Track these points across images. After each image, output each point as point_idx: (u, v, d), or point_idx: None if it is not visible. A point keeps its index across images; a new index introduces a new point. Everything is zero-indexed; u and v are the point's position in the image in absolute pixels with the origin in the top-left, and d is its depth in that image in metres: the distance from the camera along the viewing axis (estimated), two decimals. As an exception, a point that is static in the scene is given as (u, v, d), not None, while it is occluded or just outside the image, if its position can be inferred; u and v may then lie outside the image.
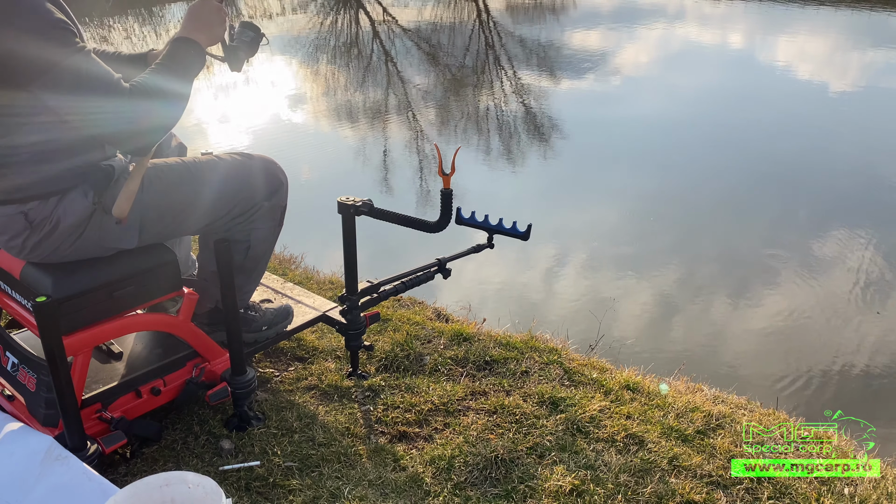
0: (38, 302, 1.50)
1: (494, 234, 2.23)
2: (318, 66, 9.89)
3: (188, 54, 1.62)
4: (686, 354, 3.37)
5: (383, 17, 13.36)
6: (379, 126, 7.24)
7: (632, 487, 1.79)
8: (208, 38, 1.67)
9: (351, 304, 2.16)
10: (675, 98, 7.90)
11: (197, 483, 1.40)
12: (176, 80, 1.59)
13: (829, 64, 9.32)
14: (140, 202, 1.69)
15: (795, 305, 3.83)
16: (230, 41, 1.80)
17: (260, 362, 2.36)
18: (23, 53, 1.42)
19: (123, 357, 1.96)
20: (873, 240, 4.47)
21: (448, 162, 2.05)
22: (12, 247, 1.67)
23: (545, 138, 6.82)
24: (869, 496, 1.80)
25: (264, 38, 1.83)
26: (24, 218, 1.61)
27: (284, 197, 2.00)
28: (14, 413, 1.83)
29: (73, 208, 1.63)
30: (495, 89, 8.65)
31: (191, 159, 1.86)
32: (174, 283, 1.86)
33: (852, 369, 3.30)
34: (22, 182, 1.58)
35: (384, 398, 2.16)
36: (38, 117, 1.52)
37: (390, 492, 1.77)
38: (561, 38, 11.19)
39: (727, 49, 10.46)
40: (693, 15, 13.15)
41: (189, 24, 1.64)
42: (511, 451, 1.91)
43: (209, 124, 7.28)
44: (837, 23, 11.81)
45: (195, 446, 1.91)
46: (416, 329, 2.57)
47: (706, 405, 2.18)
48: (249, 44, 1.81)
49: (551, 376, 2.31)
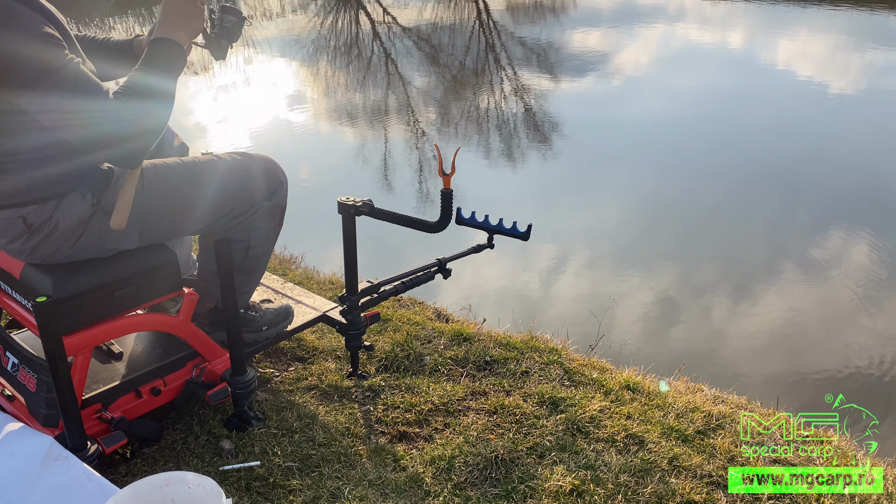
0: (39, 302, 1.50)
1: (494, 234, 2.23)
2: (318, 67, 9.89)
3: (168, 56, 1.58)
4: (686, 354, 3.37)
5: (383, 18, 13.36)
6: (379, 126, 7.24)
7: (632, 487, 1.79)
8: (187, 33, 1.62)
9: (351, 304, 2.16)
10: (675, 98, 7.90)
11: (197, 483, 1.40)
12: (158, 83, 1.55)
13: (829, 64, 9.32)
14: (140, 203, 1.69)
15: (796, 305, 3.83)
16: (211, 30, 1.74)
17: (260, 362, 2.36)
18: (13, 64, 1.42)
19: (123, 357, 1.96)
20: (874, 240, 4.47)
21: (448, 162, 2.05)
22: (12, 249, 1.68)
23: (545, 138, 6.82)
24: (869, 496, 1.80)
25: (246, 20, 1.77)
26: (23, 222, 1.61)
27: (284, 197, 2.00)
28: (14, 413, 1.83)
29: (71, 211, 1.63)
30: (495, 89, 8.65)
31: (190, 159, 1.86)
32: (174, 283, 1.86)
33: (853, 369, 3.30)
34: (19, 186, 1.58)
35: (384, 398, 2.16)
36: (33, 123, 1.51)
37: (390, 492, 1.77)
38: (561, 39, 11.19)
39: (727, 49, 10.46)
40: (693, 15, 13.15)
41: (166, 22, 1.59)
42: (511, 451, 1.91)
43: (210, 124, 7.29)
44: (838, 23, 11.81)
45: (195, 446, 1.91)
46: (416, 329, 2.57)
47: (706, 405, 2.18)
48: (231, 30, 1.74)
49: (551, 376, 2.31)
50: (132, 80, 1.54)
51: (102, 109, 1.48)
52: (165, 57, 1.58)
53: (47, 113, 1.48)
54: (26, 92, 1.44)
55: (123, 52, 1.86)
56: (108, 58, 1.83)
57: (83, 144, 1.54)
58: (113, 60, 1.83)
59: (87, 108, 1.48)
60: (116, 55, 1.85)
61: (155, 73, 1.56)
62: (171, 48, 1.59)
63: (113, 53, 1.85)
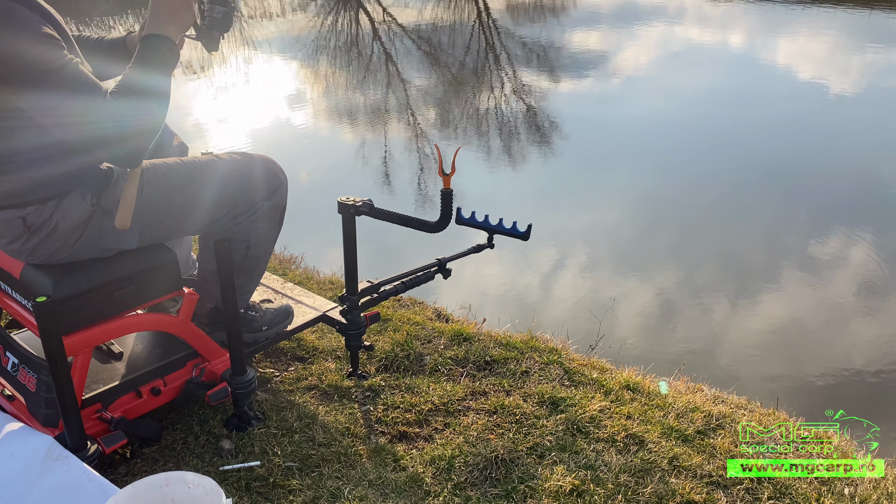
0: (38, 302, 1.50)
1: (494, 234, 2.23)
2: (318, 67, 9.89)
3: (160, 53, 1.57)
4: (686, 354, 3.37)
5: (383, 17, 13.36)
6: (379, 126, 7.24)
7: (632, 487, 1.79)
8: (178, 27, 1.60)
9: (351, 304, 2.16)
10: (675, 98, 7.91)
11: (197, 483, 1.40)
12: (152, 81, 1.55)
13: (829, 64, 9.32)
14: (140, 203, 1.69)
15: (796, 306, 3.83)
16: (202, 21, 1.72)
17: (260, 362, 2.36)
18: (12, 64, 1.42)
19: (123, 357, 1.96)
20: (874, 240, 4.47)
21: (448, 162, 2.05)
22: (11, 250, 1.68)
23: (545, 138, 6.82)
24: (869, 496, 1.80)
25: (235, 10, 1.75)
26: (23, 222, 1.61)
27: (284, 197, 2.00)
28: (14, 413, 1.83)
29: (71, 211, 1.63)
30: (495, 89, 8.65)
31: (190, 159, 1.86)
32: (174, 283, 1.86)
33: (853, 370, 3.30)
34: (19, 187, 1.58)
35: (384, 398, 2.16)
36: (32, 123, 1.51)
37: (390, 492, 1.77)
38: (561, 38, 11.19)
39: (727, 49, 10.46)
40: (693, 15, 13.15)
41: (156, 17, 1.57)
42: (511, 451, 1.91)
43: (209, 124, 7.29)
44: (838, 23, 11.81)
45: (195, 446, 1.91)
46: (416, 329, 2.57)
47: (706, 405, 2.18)
48: (222, 20, 1.72)
49: (551, 376, 2.31)
50: (126, 79, 1.54)
51: (101, 110, 1.48)
52: (158, 54, 1.57)
53: (46, 112, 1.48)
54: (26, 92, 1.44)
55: (117, 50, 1.85)
56: (104, 56, 1.83)
57: (82, 145, 1.54)
58: (108, 59, 1.82)
59: (85, 107, 1.48)
60: (111, 53, 1.85)
61: (148, 70, 1.55)
62: (162, 44, 1.57)
63: (107, 52, 1.85)
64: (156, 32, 1.57)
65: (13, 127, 1.51)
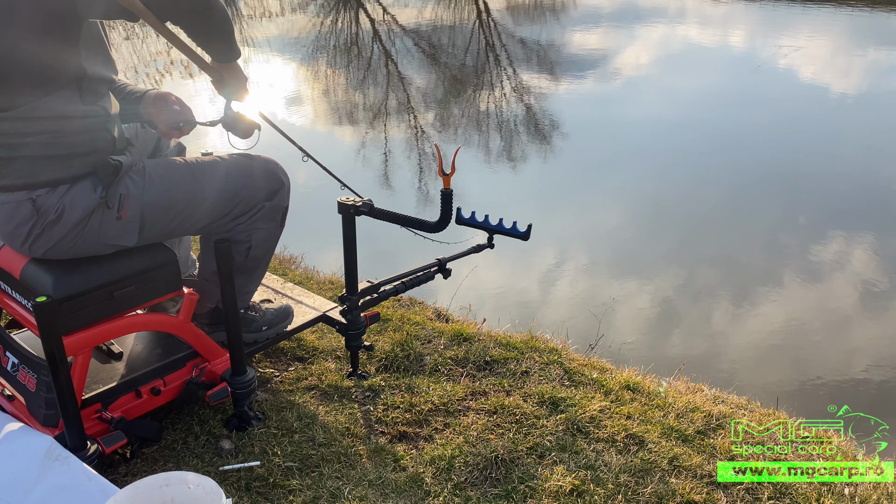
0: (38, 302, 1.49)
1: (494, 234, 2.23)
2: (317, 66, 9.89)
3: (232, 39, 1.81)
4: (686, 355, 3.37)
5: (383, 17, 13.36)
6: (379, 126, 7.24)
7: (632, 487, 1.79)
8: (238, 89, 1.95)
9: (351, 304, 2.16)
10: (675, 100, 7.90)
11: (197, 483, 1.40)
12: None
13: (830, 65, 9.32)
14: (141, 200, 1.69)
15: (796, 307, 3.83)
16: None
17: (260, 362, 2.36)
18: None
19: (123, 357, 1.96)
20: (874, 242, 4.47)
21: (448, 162, 2.05)
22: (17, 235, 1.65)
23: (545, 139, 6.82)
24: (869, 496, 1.80)
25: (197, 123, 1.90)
26: (32, 204, 1.60)
27: (286, 197, 2.00)
28: (14, 413, 1.83)
29: (79, 200, 1.63)
30: (495, 89, 8.65)
31: (192, 159, 1.87)
32: (174, 283, 1.86)
33: (858, 369, 3.30)
34: (32, 168, 1.58)
35: (384, 398, 2.16)
36: (50, 103, 1.51)
37: (390, 492, 1.77)
38: (561, 39, 11.19)
39: (728, 50, 10.46)
40: (693, 15, 13.15)
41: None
42: (511, 451, 1.91)
43: (209, 124, 7.27)
44: (838, 23, 11.81)
45: (195, 446, 1.91)
46: (416, 329, 2.57)
47: (706, 405, 2.18)
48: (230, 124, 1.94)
49: (551, 376, 2.31)
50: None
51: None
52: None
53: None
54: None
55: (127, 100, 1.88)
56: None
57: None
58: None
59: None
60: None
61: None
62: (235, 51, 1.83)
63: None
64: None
65: (32, 106, 1.53)
